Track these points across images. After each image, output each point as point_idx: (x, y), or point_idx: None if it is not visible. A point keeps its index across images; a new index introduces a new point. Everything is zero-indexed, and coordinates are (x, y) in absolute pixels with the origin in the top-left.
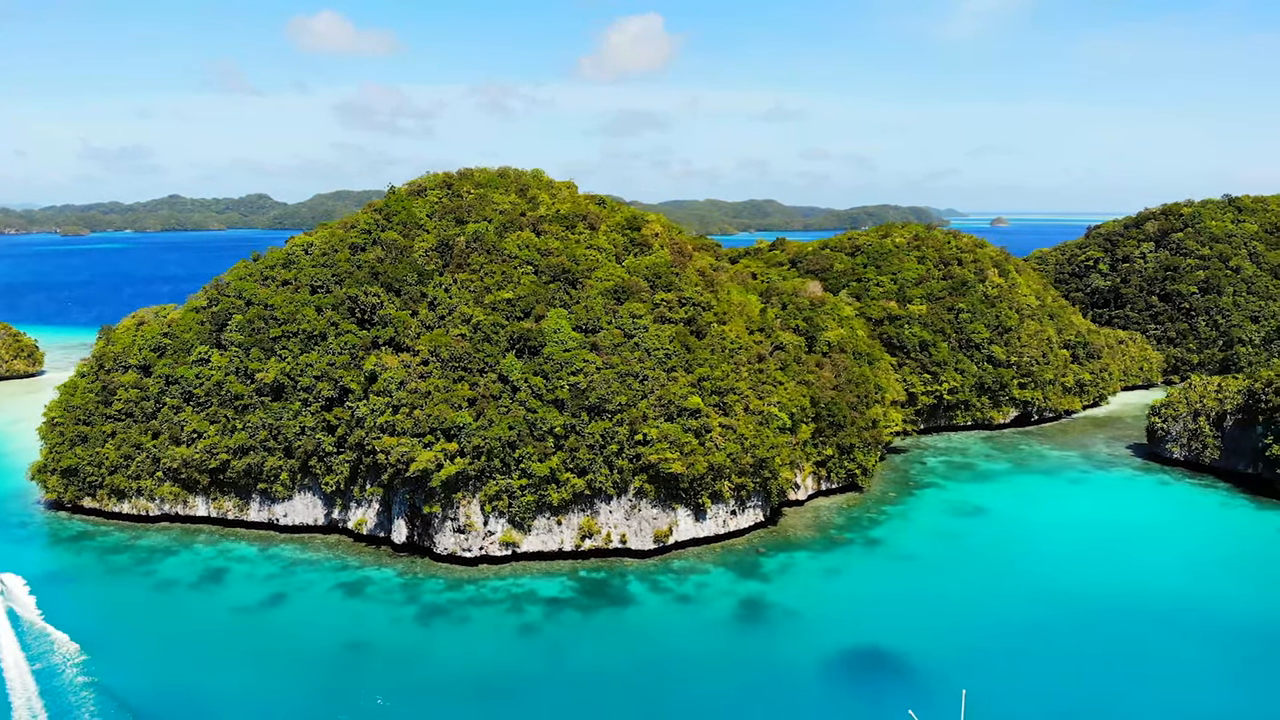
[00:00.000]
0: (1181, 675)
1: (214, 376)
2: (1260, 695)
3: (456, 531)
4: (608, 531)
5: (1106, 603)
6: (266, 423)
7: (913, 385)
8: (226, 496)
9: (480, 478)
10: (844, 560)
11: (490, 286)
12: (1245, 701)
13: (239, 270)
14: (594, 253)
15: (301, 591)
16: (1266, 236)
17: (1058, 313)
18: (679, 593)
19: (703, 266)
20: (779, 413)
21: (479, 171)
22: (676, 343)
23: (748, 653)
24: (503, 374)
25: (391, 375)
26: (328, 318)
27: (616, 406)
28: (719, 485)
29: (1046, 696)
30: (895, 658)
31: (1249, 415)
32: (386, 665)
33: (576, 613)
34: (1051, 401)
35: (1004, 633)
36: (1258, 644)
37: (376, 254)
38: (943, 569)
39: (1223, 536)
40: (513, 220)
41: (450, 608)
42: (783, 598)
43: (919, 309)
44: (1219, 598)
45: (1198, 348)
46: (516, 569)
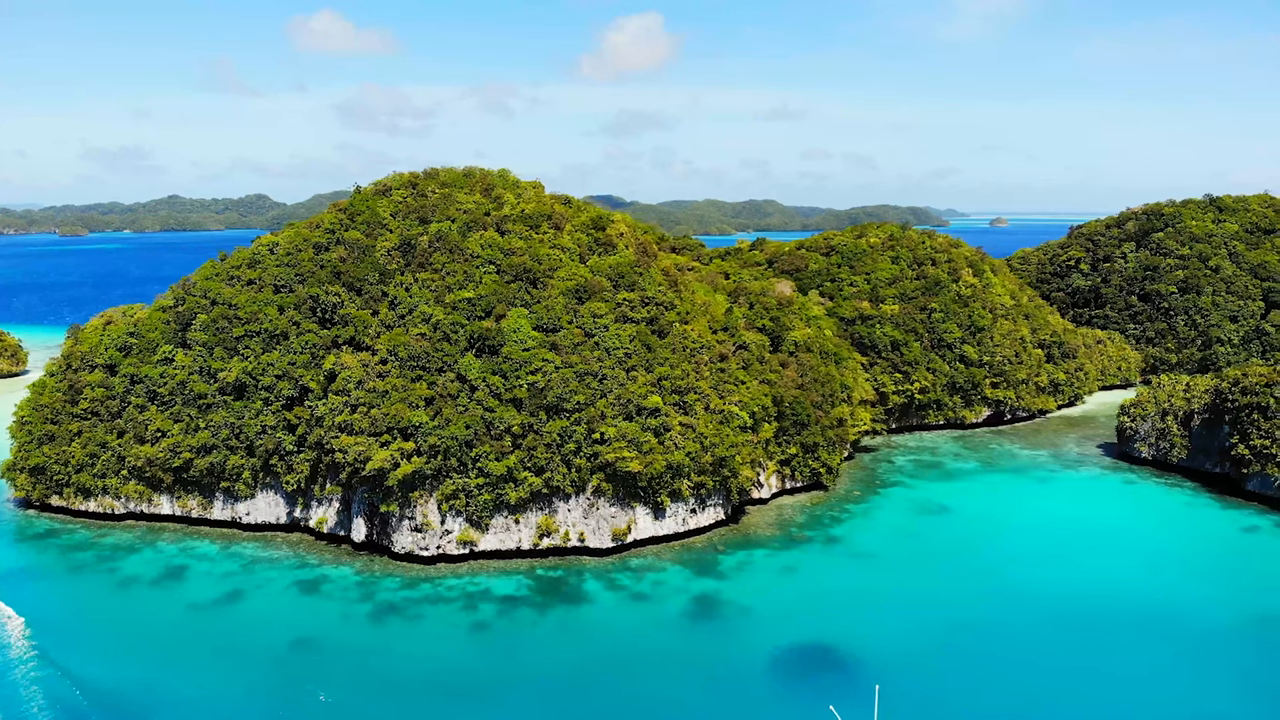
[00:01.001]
0: (1125, 673)
1: (178, 376)
2: (1206, 694)
3: (414, 530)
4: (566, 530)
5: (1060, 602)
6: (228, 422)
7: (883, 385)
8: (190, 495)
9: (437, 477)
10: (801, 558)
11: (451, 286)
12: (1190, 700)
13: (206, 270)
14: (558, 252)
15: (259, 589)
16: (1247, 236)
17: (1033, 312)
18: (634, 590)
19: (667, 266)
20: (739, 411)
21: (445, 171)
22: (637, 342)
23: (695, 649)
24: (461, 373)
25: (350, 374)
26: (289, 317)
27: (574, 405)
28: (678, 484)
29: (983, 694)
30: (840, 654)
31: (1216, 415)
32: (335, 662)
33: (531, 611)
34: (1024, 401)
35: (952, 631)
36: (1210, 642)
37: (339, 254)
38: (900, 567)
39: (1185, 536)
40: (476, 220)
41: (404, 606)
42: (737, 595)
43: (891, 309)
44: (1176, 597)
45: (1176, 347)
46: (474, 568)
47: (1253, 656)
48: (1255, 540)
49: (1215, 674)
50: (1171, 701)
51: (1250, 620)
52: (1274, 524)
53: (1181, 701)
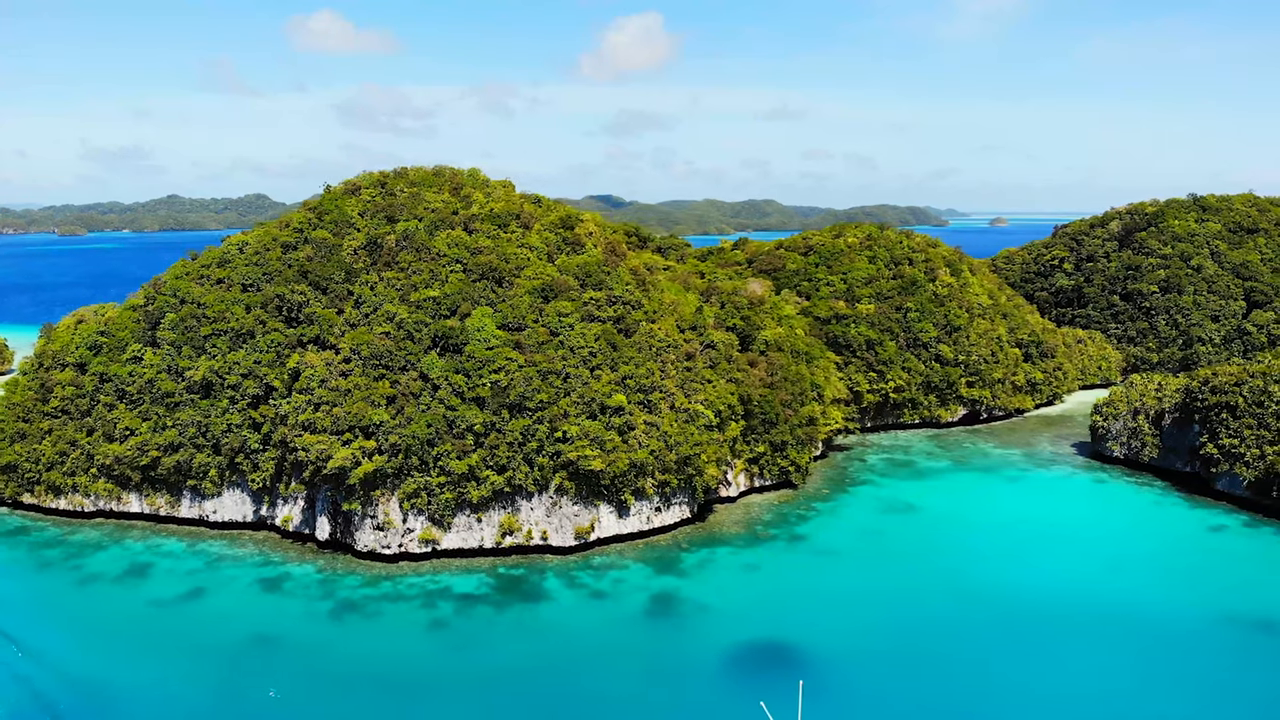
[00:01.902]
0: (1075, 673)
1: (146, 374)
2: (1156, 695)
3: (376, 529)
4: (529, 529)
5: (1018, 601)
6: (195, 420)
7: (857, 384)
8: (158, 493)
9: (398, 475)
10: (764, 556)
11: (417, 285)
12: (1138, 702)
13: (177, 269)
14: (525, 251)
15: (222, 586)
16: (1230, 235)
17: (1011, 312)
18: (595, 588)
19: (636, 265)
20: (705, 410)
21: (414, 170)
22: (602, 341)
23: (648, 646)
24: (423, 372)
25: (313, 373)
26: (255, 316)
27: (537, 404)
28: (641, 482)
29: (925, 693)
30: (791, 651)
31: (1186, 414)
32: (289, 658)
33: (489, 608)
34: (1001, 400)
35: (906, 629)
36: (1167, 643)
37: (306, 253)
38: (861, 566)
39: (1150, 535)
40: (444, 219)
41: (364, 603)
42: (696, 593)
43: (867, 308)
44: (1136, 597)
45: (1157, 347)
46: (437, 566)
47: (1209, 657)
48: (1221, 540)
49: (1169, 675)
50: (1118, 703)
51: (1210, 621)
52: (1241, 524)
53: (1129, 703)
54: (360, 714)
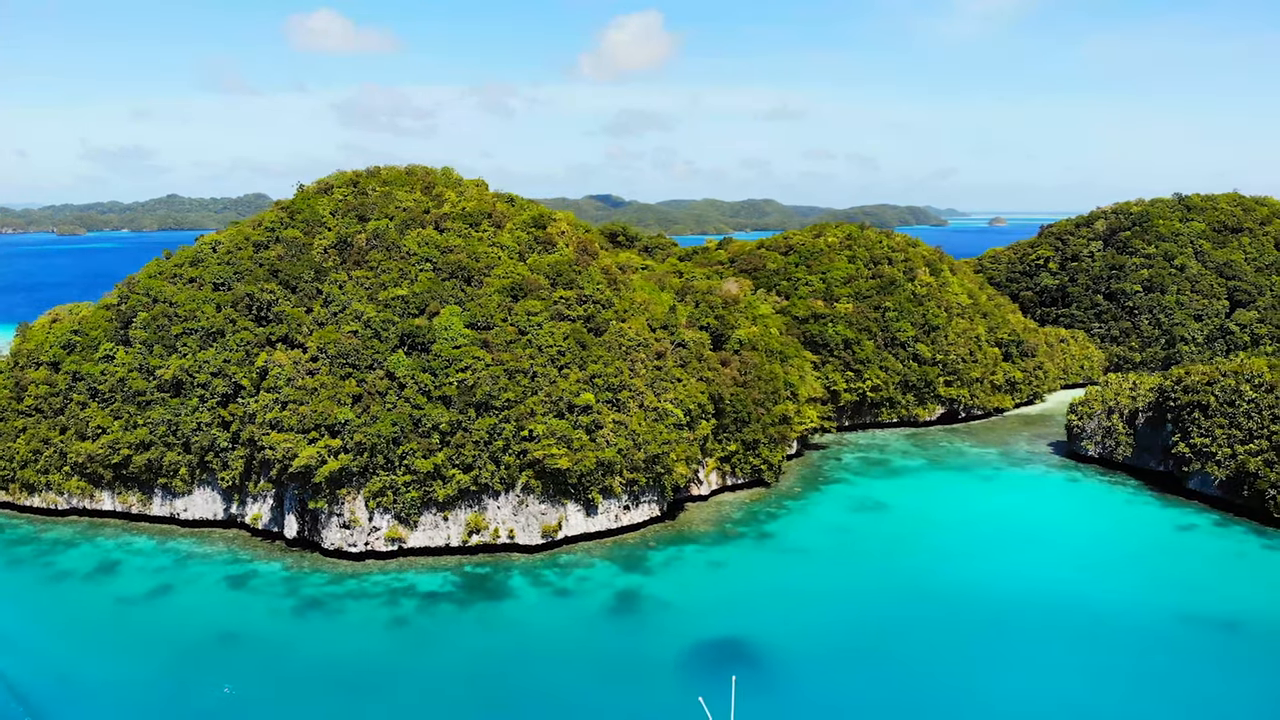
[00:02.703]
0: (1030, 670)
1: (118, 373)
2: (1110, 693)
3: (342, 527)
4: (495, 527)
5: (981, 599)
6: (165, 419)
7: (834, 383)
8: (130, 491)
9: (364, 474)
10: (731, 554)
11: (386, 283)
12: (1090, 700)
13: (150, 268)
14: (496, 250)
15: (188, 584)
16: (1214, 235)
17: (992, 311)
18: (559, 586)
19: (608, 265)
20: (674, 409)
21: (387, 169)
22: (571, 340)
23: (607, 643)
24: (390, 370)
25: (280, 372)
26: (225, 315)
27: (504, 403)
28: (609, 481)
29: (880, 688)
30: (749, 648)
31: (1159, 413)
32: (249, 655)
33: (452, 606)
34: (979, 399)
35: (866, 626)
36: (1125, 641)
37: (277, 251)
38: (827, 563)
39: (1119, 534)
40: (415, 217)
41: (328, 601)
42: (660, 590)
43: (845, 307)
44: (1100, 595)
45: (1140, 346)
46: (403, 564)
47: (1166, 656)
48: (1189, 539)
49: (1123, 673)
50: (1068, 701)
51: (1170, 620)
52: (1211, 523)
53: (1079, 701)
54: (313, 709)
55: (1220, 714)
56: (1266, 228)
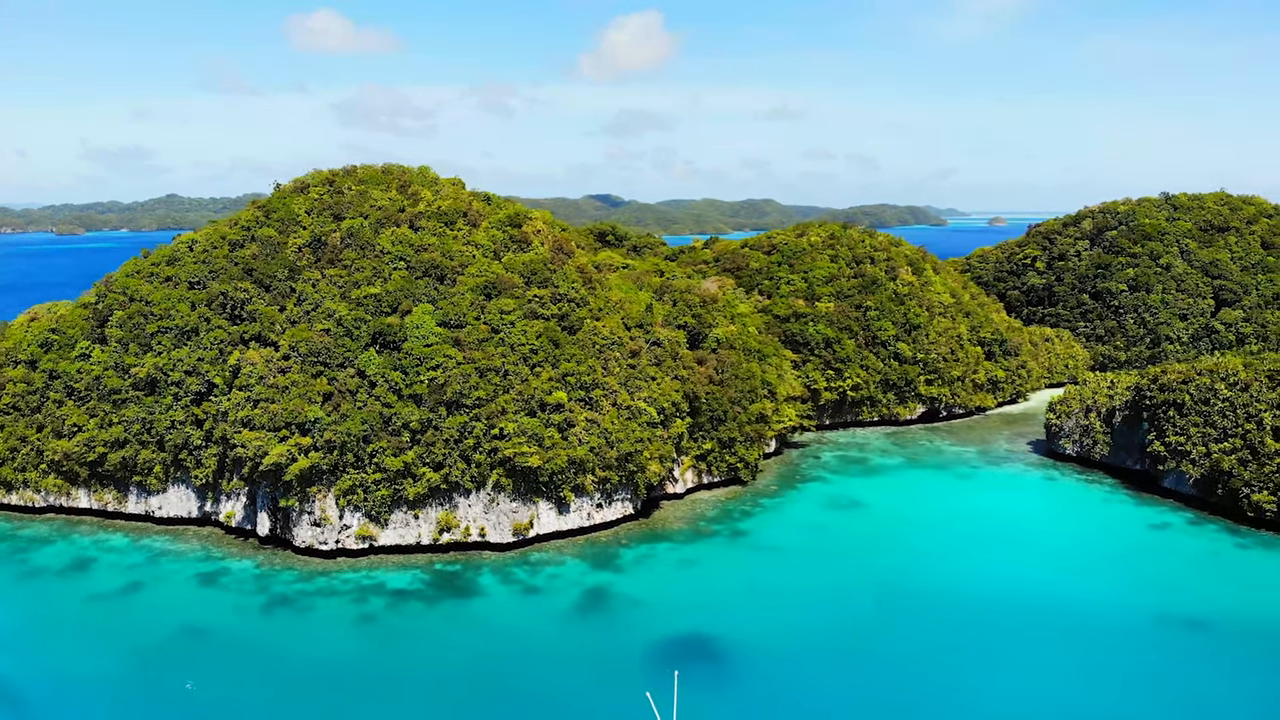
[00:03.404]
0: (998, 668)
1: (94, 371)
2: (1078, 692)
3: (313, 525)
4: (466, 525)
5: (952, 596)
6: (140, 417)
7: (815, 381)
8: (106, 489)
9: (334, 472)
10: (704, 552)
11: (360, 282)
12: (1058, 699)
13: (128, 267)
14: (471, 249)
15: (160, 581)
16: (1200, 234)
17: (975, 310)
18: (529, 584)
19: (583, 264)
20: (647, 407)
21: (363, 168)
22: (544, 338)
23: (573, 640)
24: (360, 369)
25: (252, 370)
26: (200, 313)
27: (474, 401)
28: (581, 479)
29: (844, 686)
30: (714, 645)
31: (1135, 412)
32: (214, 651)
33: (420, 604)
34: (961, 398)
35: (834, 623)
36: (1097, 640)
37: (252, 250)
38: (799, 561)
39: (1094, 532)
40: (390, 216)
41: (297, 598)
42: (630, 588)
43: (826, 306)
44: (1072, 594)
45: (1125, 345)
46: (374, 562)
47: (1135, 654)
48: (1163, 538)
49: (1091, 671)
50: (1034, 699)
51: (1140, 618)
52: (1185, 521)
53: (1045, 699)
54: (276, 706)
55: (1189, 712)
56: (1253, 227)
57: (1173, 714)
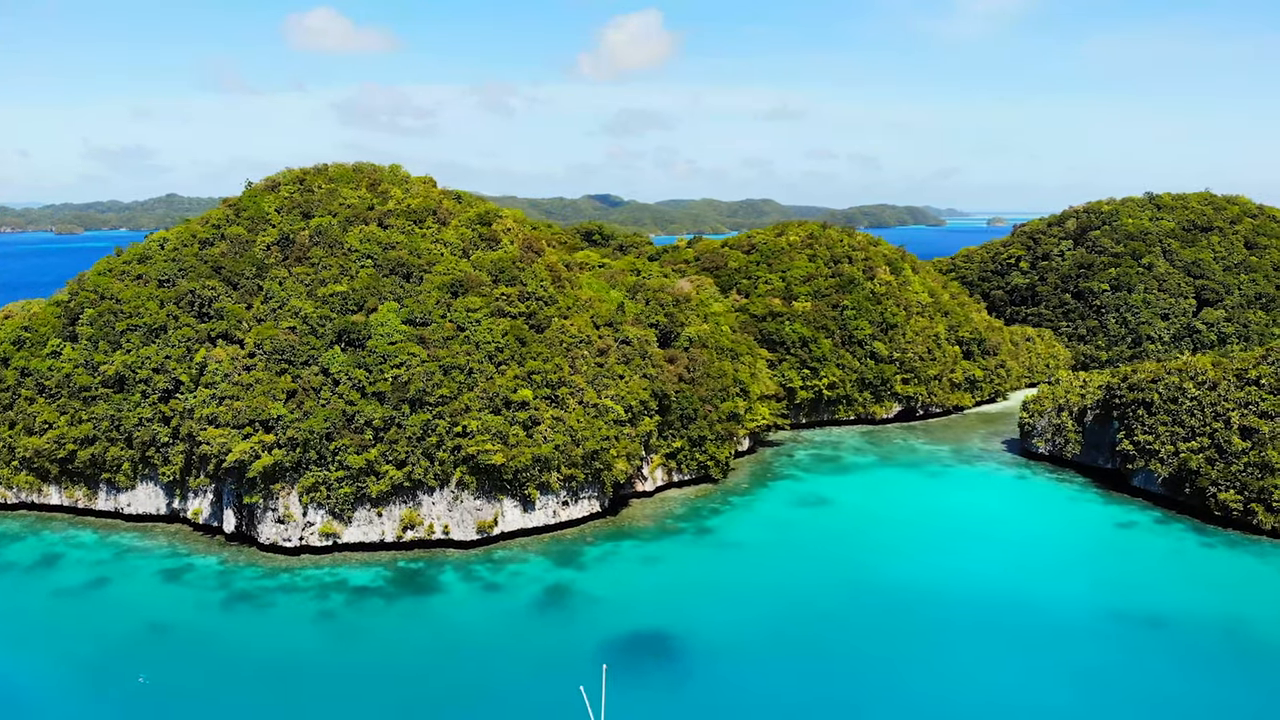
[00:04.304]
0: (950, 666)
1: (64, 369)
2: (1030, 689)
3: (277, 522)
4: (430, 523)
5: (912, 593)
6: (109, 414)
7: (790, 380)
8: (76, 486)
9: (297, 469)
10: (668, 549)
11: (326, 280)
12: (1008, 695)
13: (101, 265)
14: (440, 247)
15: (125, 577)
16: (1183, 234)
17: (954, 310)
18: (490, 582)
19: (553, 262)
20: (614, 405)
21: (334, 167)
22: (510, 336)
23: (527, 637)
24: (324, 367)
25: (217, 367)
26: (168, 311)
27: (438, 399)
28: (546, 477)
29: (795, 682)
30: (669, 642)
31: (1106, 411)
32: (172, 646)
33: (380, 600)
34: (938, 397)
35: (791, 620)
36: (1052, 638)
37: (221, 249)
38: (762, 558)
39: (1060, 531)
40: (359, 214)
41: (258, 594)
42: (590, 585)
43: (804, 305)
44: (1032, 591)
45: (1107, 345)
46: (338, 559)
47: (1089, 652)
48: (1128, 536)
49: (1044, 669)
50: (982, 695)
51: (1098, 616)
52: (1152, 520)
53: (994, 695)
54: (230, 700)
55: (1135, 709)
56: (1237, 227)
57: (1118, 711)
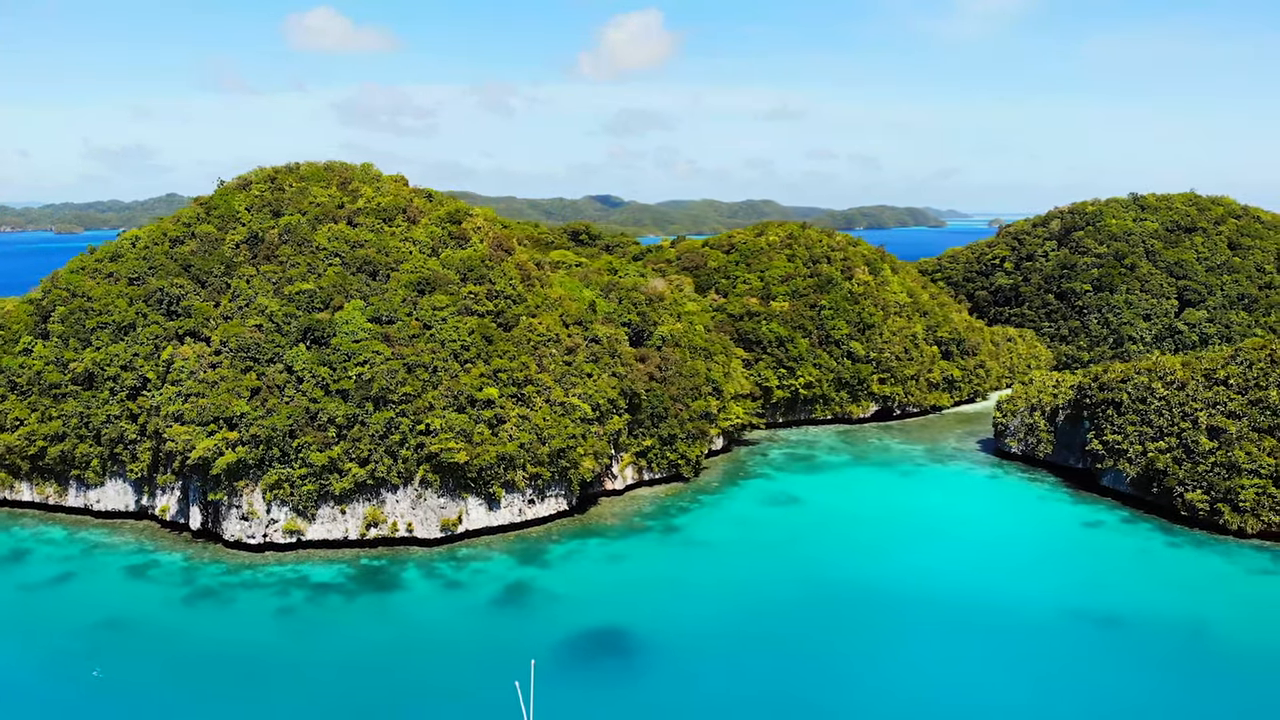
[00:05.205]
0: (902, 660)
1: (35, 366)
2: (984, 687)
3: (241, 519)
4: (394, 521)
5: (873, 591)
6: (78, 411)
7: (767, 380)
8: (47, 482)
9: (260, 466)
10: (633, 547)
11: (293, 278)
12: (963, 692)
13: (74, 264)
14: (409, 245)
15: (91, 572)
16: (1166, 235)
17: (933, 310)
18: (451, 579)
19: (523, 261)
20: (581, 403)
21: (306, 165)
22: (476, 335)
23: (482, 634)
24: (288, 364)
25: (184, 364)
26: (137, 309)
27: (402, 397)
28: (511, 475)
29: (750, 678)
30: (625, 639)
31: (1077, 410)
32: (131, 641)
33: (340, 597)
34: (915, 397)
35: (750, 616)
36: (1010, 636)
37: (191, 247)
38: (727, 556)
39: (1026, 530)
40: (328, 212)
41: (220, 590)
42: (553, 583)
43: (781, 305)
44: (992, 589)
45: (1088, 345)
46: (301, 556)
47: (1047, 651)
48: (1094, 535)
49: (997, 666)
50: (930, 692)
51: (1056, 615)
52: (1119, 520)
53: (947, 693)
54: (180, 693)
55: (1079, 707)
56: (1221, 227)
57: (1067, 709)
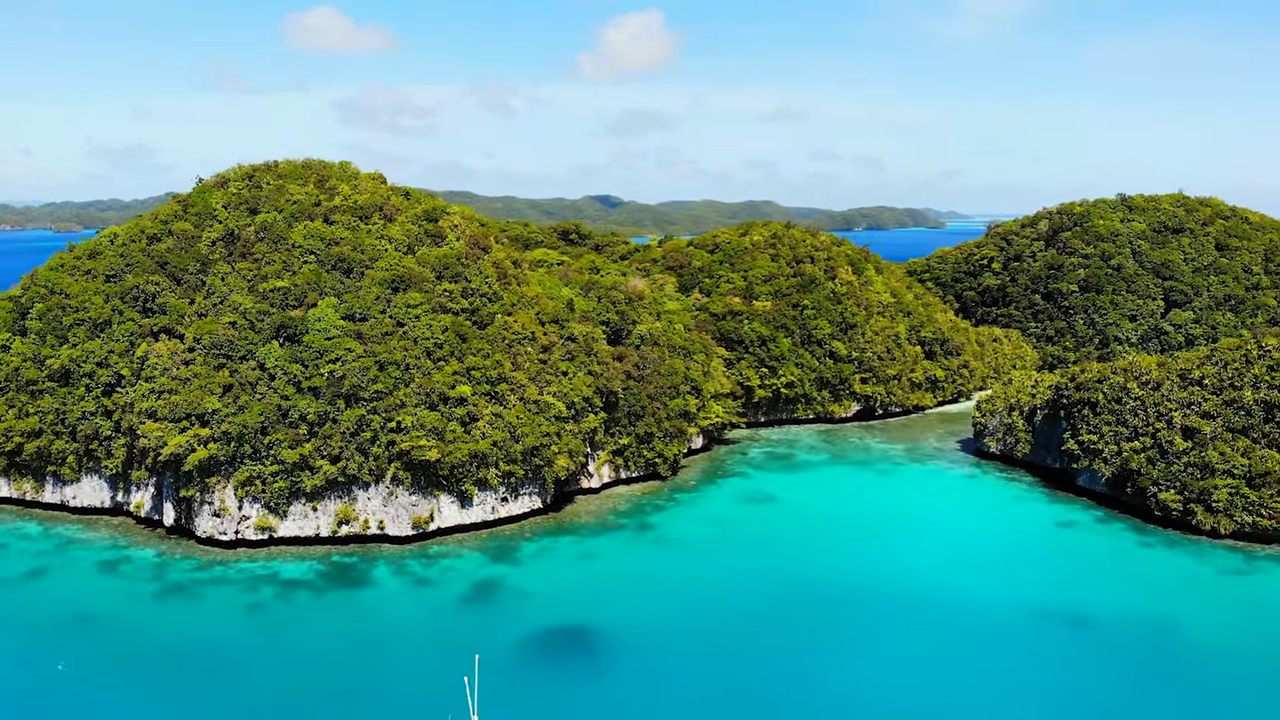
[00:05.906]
0: (864, 658)
1: (13, 362)
2: (941, 681)
3: (213, 515)
4: (365, 518)
5: (842, 589)
6: (54, 407)
7: (749, 379)
8: (24, 478)
9: (232, 463)
10: (606, 545)
11: (268, 275)
12: (924, 691)
13: (54, 261)
14: (384, 243)
15: (64, 568)
16: (1153, 235)
17: (917, 310)
18: (421, 576)
19: (500, 259)
20: (555, 401)
21: (284, 163)
22: (450, 333)
23: (448, 631)
24: (261, 361)
25: (157, 361)
26: (113, 306)
27: (373, 394)
28: (484, 473)
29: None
30: (589, 636)
31: (1054, 410)
32: (100, 635)
33: (309, 594)
34: (897, 397)
35: (719, 614)
36: (971, 633)
37: (168, 244)
38: (699, 554)
39: (1000, 529)
40: (305, 210)
41: (190, 586)
42: (522, 580)
43: (764, 305)
44: (961, 588)
45: (1074, 345)
46: (273, 553)
47: (1012, 650)
48: (1066, 535)
49: (962, 665)
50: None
51: (1023, 614)
52: (1093, 519)
53: (908, 691)
54: (143, 687)
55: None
56: (1208, 228)
57: (1030, 708)
